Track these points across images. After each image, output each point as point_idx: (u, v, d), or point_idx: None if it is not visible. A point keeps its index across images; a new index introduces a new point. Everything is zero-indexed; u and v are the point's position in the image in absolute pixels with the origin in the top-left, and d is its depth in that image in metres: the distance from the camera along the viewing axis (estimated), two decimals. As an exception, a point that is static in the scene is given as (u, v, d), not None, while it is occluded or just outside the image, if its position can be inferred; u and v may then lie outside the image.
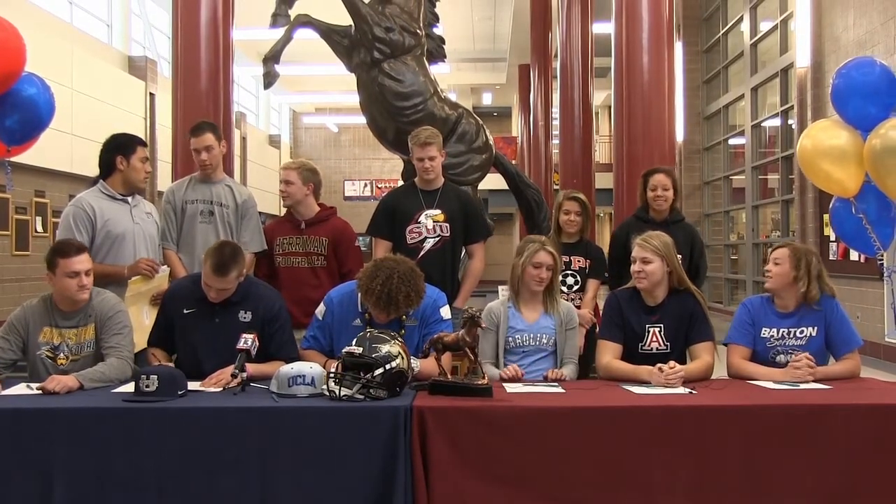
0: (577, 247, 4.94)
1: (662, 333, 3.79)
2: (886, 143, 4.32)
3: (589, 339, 4.84)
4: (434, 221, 4.62)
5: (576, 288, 4.90)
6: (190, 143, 4.65)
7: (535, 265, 3.86)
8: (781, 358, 3.77)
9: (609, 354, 3.77)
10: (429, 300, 3.78)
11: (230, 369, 3.40)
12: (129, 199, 4.36)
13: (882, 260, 4.72)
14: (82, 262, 3.61)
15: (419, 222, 4.61)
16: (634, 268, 3.80)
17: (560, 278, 4.82)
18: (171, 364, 3.72)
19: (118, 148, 4.33)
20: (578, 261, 4.91)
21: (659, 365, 3.52)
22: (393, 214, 4.65)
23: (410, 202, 4.66)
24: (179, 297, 3.85)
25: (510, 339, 3.90)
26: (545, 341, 3.90)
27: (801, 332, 3.78)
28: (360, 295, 3.68)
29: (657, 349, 3.76)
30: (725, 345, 3.89)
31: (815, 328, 3.78)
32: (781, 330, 3.79)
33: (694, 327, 3.80)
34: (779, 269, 3.79)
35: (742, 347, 3.83)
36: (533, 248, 3.88)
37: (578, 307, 4.84)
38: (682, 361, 3.76)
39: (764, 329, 3.82)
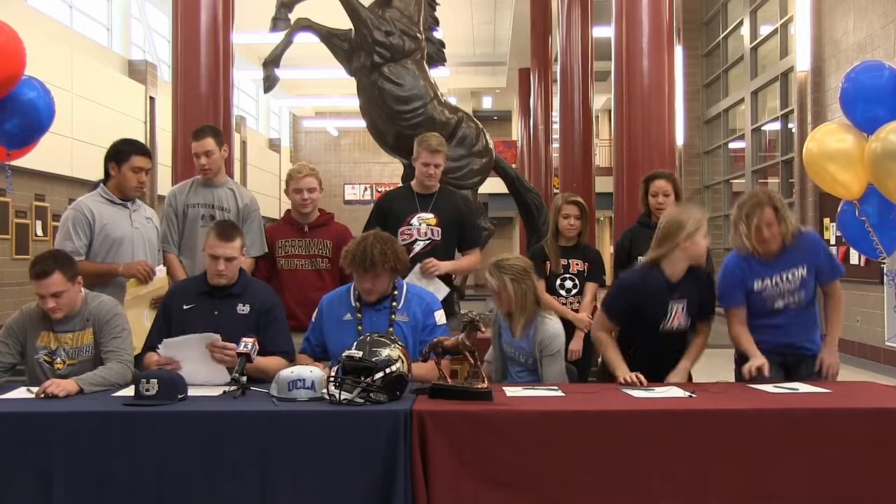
0: (576, 250, 4.94)
1: (685, 310, 3.87)
2: (887, 146, 4.32)
3: (586, 342, 4.85)
4: (427, 225, 4.65)
5: (574, 292, 4.90)
6: (191, 147, 4.66)
7: (492, 291, 3.96)
8: (780, 303, 3.86)
9: (604, 331, 3.90)
10: (422, 303, 3.82)
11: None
12: (129, 203, 4.37)
13: (885, 263, 4.73)
14: (48, 286, 3.54)
15: (411, 224, 4.65)
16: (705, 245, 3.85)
17: (558, 282, 4.85)
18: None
19: (113, 155, 4.34)
20: (577, 264, 4.92)
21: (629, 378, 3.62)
22: (385, 217, 4.68)
23: (404, 204, 4.71)
24: (179, 294, 3.89)
25: (501, 346, 4.05)
26: (522, 360, 3.99)
27: (792, 274, 3.86)
28: (346, 267, 3.75)
29: (677, 327, 3.88)
30: (725, 308, 3.95)
31: (803, 267, 3.86)
32: (774, 278, 3.87)
33: (706, 303, 3.94)
34: (775, 228, 3.83)
35: (741, 311, 3.91)
36: (486, 275, 3.95)
37: (576, 310, 4.86)
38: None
39: (756, 282, 3.87)
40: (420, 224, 4.64)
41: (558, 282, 4.86)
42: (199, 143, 4.60)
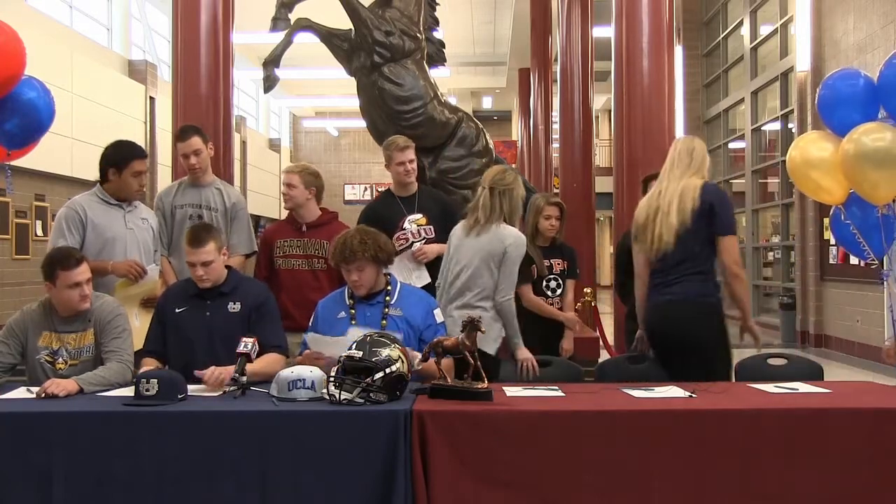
0: (554, 250, 4.97)
1: None
2: (859, 148, 4.36)
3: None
4: (418, 225, 4.76)
5: (559, 292, 4.92)
6: (178, 149, 4.67)
7: None
8: None
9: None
10: (421, 301, 3.86)
11: (230, 369, 3.36)
12: (125, 204, 4.38)
13: (874, 264, 4.75)
14: (83, 272, 3.60)
15: (404, 228, 4.72)
16: None
17: (544, 283, 4.86)
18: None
19: (112, 161, 4.34)
20: (558, 264, 4.95)
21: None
22: (377, 225, 4.68)
23: (392, 211, 4.77)
24: (172, 298, 3.90)
25: None
26: None
27: None
28: (332, 264, 3.82)
29: None
30: None
31: None
32: None
33: None
34: None
35: None
36: None
37: (561, 309, 4.87)
38: None
39: None
40: (411, 226, 4.73)
41: (544, 283, 4.88)
42: (185, 143, 4.62)
